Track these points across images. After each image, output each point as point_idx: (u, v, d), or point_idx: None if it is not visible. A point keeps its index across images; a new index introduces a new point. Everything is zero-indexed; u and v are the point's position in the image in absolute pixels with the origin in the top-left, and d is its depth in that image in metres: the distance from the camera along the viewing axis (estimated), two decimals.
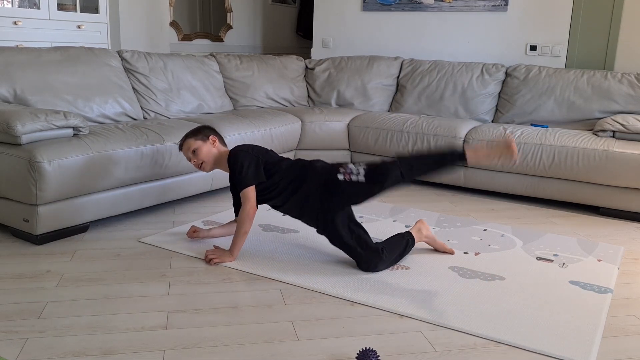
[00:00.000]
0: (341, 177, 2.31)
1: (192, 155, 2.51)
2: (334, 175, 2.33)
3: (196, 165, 2.52)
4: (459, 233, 2.88)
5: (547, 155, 3.35)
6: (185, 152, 2.54)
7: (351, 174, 2.31)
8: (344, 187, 2.31)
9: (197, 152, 2.50)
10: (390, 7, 4.91)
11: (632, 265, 2.55)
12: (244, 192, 2.38)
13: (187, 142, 2.54)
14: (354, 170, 2.31)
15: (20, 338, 1.74)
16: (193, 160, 2.51)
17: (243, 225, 2.38)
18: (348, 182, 2.30)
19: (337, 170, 2.35)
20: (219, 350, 1.71)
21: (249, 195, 2.38)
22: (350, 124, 4.07)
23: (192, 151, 2.51)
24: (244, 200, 2.39)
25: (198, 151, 2.50)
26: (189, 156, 2.52)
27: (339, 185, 2.32)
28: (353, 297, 2.10)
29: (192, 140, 2.53)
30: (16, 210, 2.53)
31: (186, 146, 2.53)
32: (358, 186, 2.30)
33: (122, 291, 2.10)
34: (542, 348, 1.78)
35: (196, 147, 2.50)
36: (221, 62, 4.32)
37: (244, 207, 2.38)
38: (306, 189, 2.37)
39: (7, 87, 2.94)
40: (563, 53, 4.35)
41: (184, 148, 2.55)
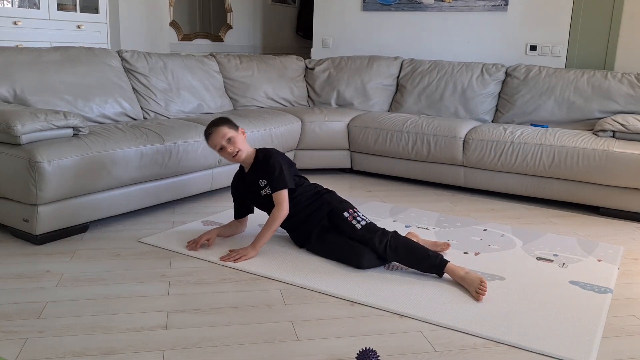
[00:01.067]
0: (346, 215, 2.46)
1: (227, 143, 2.47)
2: (342, 210, 2.48)
3: (230, 154, 2.48)
4: (459, 233, 2.88)
5: (547, 156, 3.35)
6: (219, 140, 2.47)
7: (354, 218, 2.44)
8: (342, 223, 2.44)
9: (232, 140, 2.47)
10: (390, 7, 4.90)
11: (632, 265, 2.55)
12: (280, 193, 2.45)
13: (221, 130, 2.47)
14: (358, 217, 2.45)
15: (20, 338, 1.74)
16: (229, 148, 2.46)
17: (274, 224, 2.45)
18: (348, 222, 2.43)
19: (346, 207, 2.50)
20: (219, 350, 1.71)
21: (284, 197, 2.46)
22: (350, 124, 4.07)
23: (227, 139, 2.47)
24: (280, 201, 2.45)
25: (234, 139, 2.48)
26: (223, 144, 2.47)
27: (339, 219, 2.46)
28: (353, 297, 2.10)
29: (227, 128, 2.49)
30: (16, 210, 2.53)
31: (220, 134, 2.47)
32: (352, 229, 2.41)
33: (122, 291, 2.10)
34: (542, 348, 1.78)
35: (232, 136, 2.48)
36: (221, 62, 4.32)
37: (280, 209, 2.44)
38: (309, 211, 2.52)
39: (7, 87, 2.94)
40: (563, 53, 4.35)
41: (218, 135, 2.47)
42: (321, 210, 2.52)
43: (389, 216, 3.14)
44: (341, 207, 2.50)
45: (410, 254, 2.30)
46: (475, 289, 2.12)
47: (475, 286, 2.13)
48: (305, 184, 2.62)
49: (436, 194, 3.73)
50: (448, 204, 3.47)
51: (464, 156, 3.62)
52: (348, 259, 2.38)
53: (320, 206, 2.53)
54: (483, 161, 3.55)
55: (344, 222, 2.43)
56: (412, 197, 3.60)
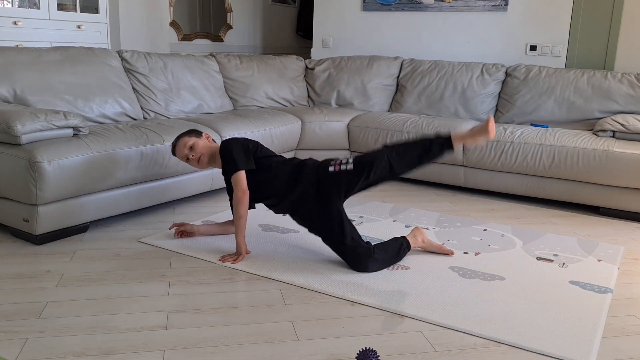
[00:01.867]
0: (331, 169, 2.37)
1: (189, 151, 2.50)
2: (326, 169, 2.38)
3: (194, 160, 2.50)
4: (459, 233, 2.88)
5: (547, 155, 3.35)
6: (181, 150, 2.53)
7: (340, 164, 2.37)
8: (336, 179, 2.36)
9: (194, 147, 2.51)
10: (390, 7, 4.90)
11: (632, 265, 2.55)
12: (234, 177, 2.40)
13: (181, 140, 2.54)
14: (343, 160, 2.38)
15: (20, 338, 1.74)
16: (190, 155, 2.50)
17: (237, 210, 2.40)
18: (338, 173, 2.36)
19: (328, 164, 2.40)
20: (219, 350, 1.71)
21: (239, 178, 2.39)
22: (350, 124, 4.07)
23: (188, 147, 2.51)
24: (234, 185, 2.40)
25: (195, 145, 2.51)
26: (186, 153, 2.51)
27: (330, 177, 2.36)
28: (353, 297, 2.10)
29: (187, 137, 2.54)
30: (16, 210, 2.53)
31: (181, 144, 2.53)
32: (348, 175, 2.34)
33: (122, 291, 2.10)
34: (542, 348, 1.78)
35: (192, 143, 2.51)
36: (221, 62, 4.32)
37: (235, 192, 2.39)
38: (301, 187, 2.40)
39: (7, 87, 2.94)
40: (563, 53, 4.35)
41: (179, 146, 2.53)
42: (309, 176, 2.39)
43: (389, 216, 3.14)
44: (325, 165, 2.40)
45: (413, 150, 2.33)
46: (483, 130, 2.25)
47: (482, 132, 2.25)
48: (277, 163, 2.48)
49: (436, 194, 3.73)
50: (448, 204, 3.47)
51: (464, 156, 3.62)
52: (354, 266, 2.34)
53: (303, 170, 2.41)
54: (483, 161, 3.55)
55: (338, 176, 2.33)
56: (412, 197, 3.60)
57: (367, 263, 2.31)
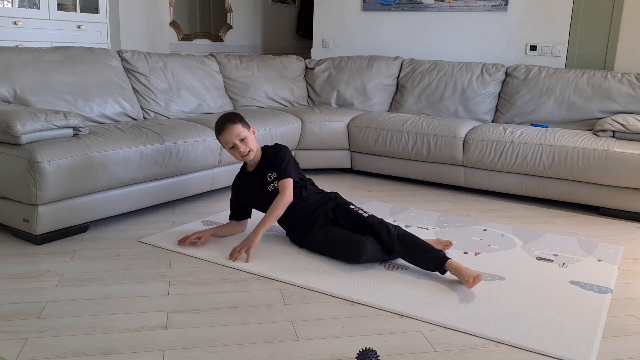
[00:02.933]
0: (352, 207, 2.53)
1: (240, 142, 2.47)
2: (346, 205, 2.55)
3: (242, 153, 2.48)
4: (459, 233, 2.88)
5: (547, 155, 3.35)
6: (232, 138, 2.45)
7: (360, 210, 2.52)
8: (348, 214, 2.50)
9: (246, 140, 2.48)
10: (390, 7, 4.90)
11: (632, 265, 2.55)
12: (285, 181, 2.48)
13: (235, 128, 2.45)
14: (364, 210, 2.52)
15: (20, 338, 1.74)
16: (241, 147, 2.47)
17: (277, 209, 2.46)
18: (353, 211, 2.50)
19: (350, 203, 2.57)
20: (219, 350, 1.71)
21: (290, 185, 2.49)
22: (350, 124, 4.07)
23: (241, 138, 2.47)
24: (284, 189, 2.47)
25: (247, 139, 2.49)
26: (236, 143, 2.46)
27: (346, 210, 2.52)
28: (353, 297, 2.10)
29: (241, 126, 2.48)
30: (16, 210, 2.53)
31: (235, 132, 2.45)
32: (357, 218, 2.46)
33: (122, 291, 2.10)
34: (542, 348, 1.78)
35: (245, 136, 2.48)
36: (221, 62, 4.32)
37: (284, 194, 2.46)
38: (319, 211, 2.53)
39: (7, 87, 2.94)
40: (563, 53, 4.35)
41: (232, 134, 2.45)
42: (326, 205, 2.55)
43: (389, 216, 3.14)
44: (346, 202, 2.58)
45: (416, 245, 2.32)
46: (469, 278, 2.15)
47: (470, 275, 2.16)
48: (309, 183, 2.65)
49: (436, 194, 3.73)
50: (448, 204, 3.47)
51: (464, 156, 3.62)
52: (347, 251, 2.37)
53: (326, 202, 2.56)
54: (483, 161, 3.55)
55: (351, 213, 2.49)
56: (412, 197, 3.60)
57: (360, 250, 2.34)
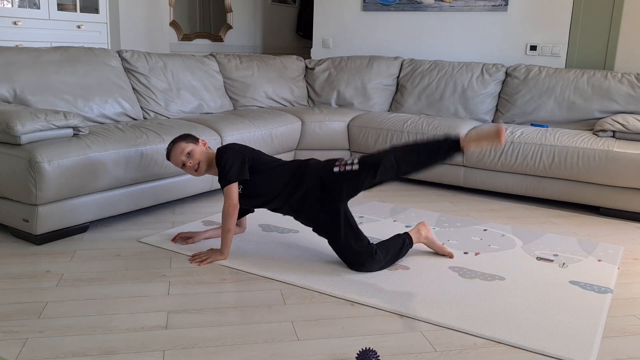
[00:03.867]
0: (336, 169, 2.34)
1: (187, 157, 2.46)
2: (330, 169, 2.36)
3: (191, 168, 2.47)
4: (459, 233, 2.88)
5: (547, 155, 3.35)
6: (178, 156, 2.47)
7: (346, 165, 2.34)
8: (341, 179, 2.33)
9: (192, 154, 2.47)
10: (390, 7, 4.90)
11: (632, 265, 2.55)
12: (225, 189, 2.38)
13: (178, 146, 2.48)
14: (349, 161, 2.35)
15: (20, 338, 1.74)
16: (188, 162, 2.46)
17: (225, 224, 2.38)
18: (344, 173, 2.33)
19: (333, 164, 2.38)
20: (219, 350, 1.71)
21: (230, 192, 2.38)
22: (350, 124, 4.07)
23: (186, 153, 2.46)
24: (225, 197, 2.38)
25: (192, 152, 2.47)
26: (183, 160, 2.46)
27: (335, 178, 2.33)
28: (353, 297, 2.10)
29: (184, 143, 2.49)
30: (16, 210, 2.53)
31: (178, 150, 2.47)
32: (354, 175, 2.31)
33: (122, 291, 2.10)
34: (542, 348, 1.78)
35: (190, 149, 2.47)
36: (221, 62, 4.32)
37: (225, 205, 2.38)
38: (304, 188, 2.38)
39: (7, 87, 2.94)
40: (563, 53, 4.35)
41: (176, 152, 2.48)
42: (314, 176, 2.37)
43: (389, 216, 3.14)
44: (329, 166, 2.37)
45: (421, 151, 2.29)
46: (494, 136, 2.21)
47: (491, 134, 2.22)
48: (276, 166, 2.46)
49: (436, 194, 3.73)
50: (448, 204, 3.47)
51: (464, 156, 3.62)
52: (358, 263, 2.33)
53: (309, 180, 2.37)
54: (483, 161, 3.55)
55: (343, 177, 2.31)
56: (412, 197, 3.60)
57: (367, 264, 2.31)
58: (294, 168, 2.44)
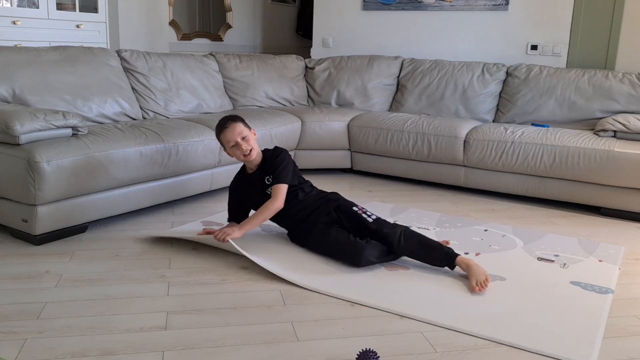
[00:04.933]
0: (355, 209, 2.49)
1: (242, 141, 2.46)
2: (349, 207, 2.51)
3: (243, 152, 2.46)
4: (459, 233, 2.88)
5: (548, 155, 3.34)
6: (234, 136, 2.45)
7: (364, 213, 2.47)
8: (352, 217, 2.47)
9: (247, 139, 2.47)
10: (391, 7, 4.90)
11: (633, 266, 2.54)
12: (279, 187, 2.45)
13: (237, 126, 2.47)
14: (368, 212, 2.49)
15: (20, 338, 1.74)
16: (243, 145, 2.45)
17: (265, 213, 2.44)
18: (357, 215, 2.46)
19: (354, 204, 2.53)
20: (219, 351, 1.71)
21: (281, 192, 2.46)
22: (351, 124, 4.06)
23: (242, 136, 2.46)
24: (277, 194, 2.45)
25: (248, 138, 2.48)
26: (238, 140, 2.45)
27: (350, 212, 2.48)
28: (353, 298, 2.09)
29: (242, 125, 2.50)
30: (15, 210, 2.52)
31: (237, 130, 2.46)
32: (362, 222, 2.43)
33: (122, 291, 2.10)
34: (543, 348, 1.77)
35: (247, 135, 2.48)
36: (221, 61, 4.32)
37: (275, 200, 2.44)
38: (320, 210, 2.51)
39: (6, 86, 2.94)
40: (564, 52, 4.34)
41: (234, 132, 2.46)
42: (327, 206, 2.52)
43: (390, 216, 3.13)
44: (349, 203, 2.55)
45: (423, 244, 2.34)
46: (477, 280, 2.16)
47: (479, 279, 2.16)
48: (307, 185, 2.63)
49: (437, 194, 3.72)
50: (449, 204, 3.46)
51: (464, 156, 3.61)
52: (346, 256, 2.36)
53: (326, 203, 2.54)
54: (484, 161, 3.54)
55: (355, 216, 2.46)
56: (412, 197, 3.60)
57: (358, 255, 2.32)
58: (319, 192, 2.60)
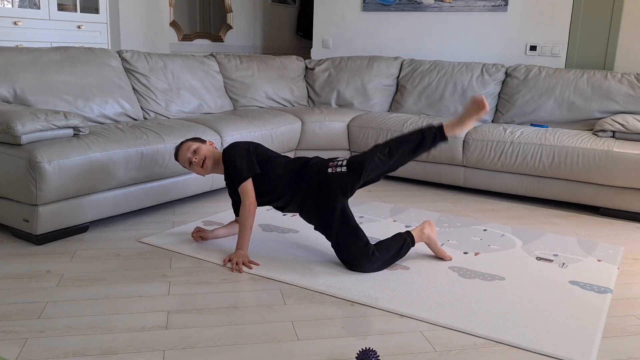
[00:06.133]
0: (330, 170, 2.38)
1: (193, 154, 2.49)
2: (325, 169, 2.40)
3: (198, 164, 2.48)
4: (458, 233, 2.88)
5: (547, 156, 3.35)
6: (184, 154, 2.51)
7: (336, 166, 2.38)
8: (333, 180, 2.36)
9: (198, 151, 2.50)
10: (390, 7, 4.91)
11: (632, 266, 2.55)
12: (241, 187, 2.40)
13: (185, 144, 2.54)
14: (339, 162, 2.39)
15: (20, 338, 1.75)
16: (194, 158, 2.48)
17: (246, 222, 2.39)
18: (334, 174, 2.37)
19: (327, 164, 2.41)
20: (219, 350, 1.71)
21: (247, 189, 2.40)
22: (350, 124, 4.07)
23: (192, 151, 2.49)
24: (243, 196, 2.40)
25: (199, 149, 2.50)
26: (189, 157, 2.49)
27: (329, 178, 2.37)
28: (353, 297, 2.10)
29: (191, 142, 2.55)
30: (16, 210, 2.53)
31: (184, 148, 2.52)
32: (343, 177, 2.35)
33: (122, 291, 2.10)
34: (542, 348, 1.78)
35: (196, 147, 2.51)
36: (221, 62, 4.32)
37: (244, 203, 2.39)
38: (305, 186, 2.40)
39: (7, 87, 2.95)
40: (563, 53, 4.35)
41: (183, 150, 2.52)
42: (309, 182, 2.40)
43: (389, 216, 3.14)
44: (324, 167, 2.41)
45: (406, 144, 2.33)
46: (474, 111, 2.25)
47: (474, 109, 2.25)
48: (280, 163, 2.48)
49: (436, 194, 3.73)
50: (448, 204, 3.47)
51: (464, 156, 3.62)
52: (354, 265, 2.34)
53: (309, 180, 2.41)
54: (483, 161, 3.55)
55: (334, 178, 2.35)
56: (412, 197, 3.60)
57: (363, 264, 2.31)
58: (297, 167, 2.46)
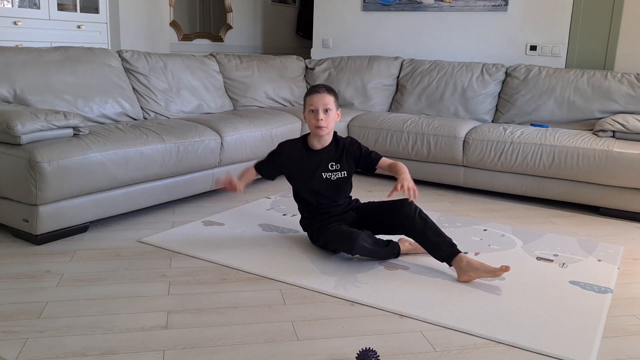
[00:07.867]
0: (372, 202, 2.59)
1: (324, 113, 2.40)
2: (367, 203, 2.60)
3: (316, 123, 2.39)
4: (459, 233, 2.88)
5: (547, 156, 3.35)
6: (318, 103, 2.39)
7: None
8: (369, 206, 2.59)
9: (328, 114, 2.41)
10: (390, 7, 4.90)
11: (632, 265, 2.55)
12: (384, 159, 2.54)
13: (326, 97, 2.41)
14: None
15: (20, 338, 1.74)
16: (321, 117, 2.39)
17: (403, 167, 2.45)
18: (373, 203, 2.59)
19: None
20: (219, 350, 1.71)
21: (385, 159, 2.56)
22: (350, 124, 4.07)
23: (325, 109, 2.40)
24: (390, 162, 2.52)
25: (330, 114, 2.42)
26: (319, 109, 2.39)
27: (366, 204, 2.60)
28: (353, 297, 2.10)
29: (333, 99, 2.44)
30: (16, 210, 2.53)
31: (324, 99, 2.40)
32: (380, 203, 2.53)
33: (122, 291, 2.10)
34: (542, 348, 1.78)
35: (331, 109, 2.42)
36: (221, 62, 4.32)
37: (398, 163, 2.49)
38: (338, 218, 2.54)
39: (7, 87, 2.94)
40: (563, 53, 4.35)
41: (322, 100, 2.40)
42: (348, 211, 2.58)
43: None
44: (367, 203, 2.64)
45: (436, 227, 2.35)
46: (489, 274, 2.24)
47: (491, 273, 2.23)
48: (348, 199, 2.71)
49: (436, 194, 3.73)
50: (448, 204, 3.47)
51: (464, 156, 3.62)
52: (342, 243, 2.37)
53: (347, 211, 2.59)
54: (483, 161, 3.55)
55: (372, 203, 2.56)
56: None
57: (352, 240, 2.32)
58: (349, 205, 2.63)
